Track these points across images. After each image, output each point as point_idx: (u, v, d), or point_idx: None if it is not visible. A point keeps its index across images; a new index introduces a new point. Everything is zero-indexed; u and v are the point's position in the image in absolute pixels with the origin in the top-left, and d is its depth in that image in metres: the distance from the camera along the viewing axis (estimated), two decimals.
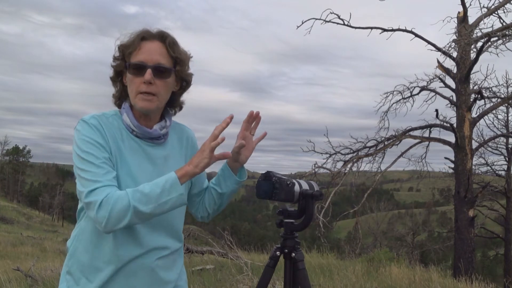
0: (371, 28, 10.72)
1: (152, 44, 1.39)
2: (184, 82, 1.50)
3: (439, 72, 10.99)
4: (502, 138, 14.92)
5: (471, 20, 10.41)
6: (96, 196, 1.26)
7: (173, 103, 1.54)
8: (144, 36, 1.40)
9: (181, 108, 1.57)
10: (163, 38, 1.41)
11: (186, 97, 1.56)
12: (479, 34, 9.96)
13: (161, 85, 1.40)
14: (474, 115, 10.69)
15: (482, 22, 10.11)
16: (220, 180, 1.57)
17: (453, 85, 10.81)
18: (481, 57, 9.83)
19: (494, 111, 12.58)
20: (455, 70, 10.70)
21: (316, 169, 10.95)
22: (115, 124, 1.42)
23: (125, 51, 1.40)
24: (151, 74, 1.37)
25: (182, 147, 1.57)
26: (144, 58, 1.37)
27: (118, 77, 1.45)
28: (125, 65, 1.41)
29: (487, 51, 9.94)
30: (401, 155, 11.55)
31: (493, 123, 14.51)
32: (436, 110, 10.59)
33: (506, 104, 12.04)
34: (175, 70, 1.43)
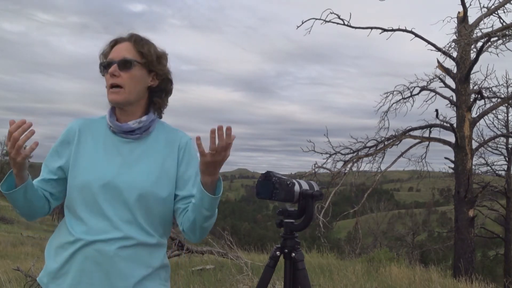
0: (371, 28, 10.72)
1: (121, 45, 1.53)
2: (160, 77, 1.57)
3: (439, 72, 11.00)
4: (502, 138, 14.93)
5: (471, 20, 10.41)
6: None
7: (153, 101, 1.59)
8: (116, 40, 1.55)
9: (160, 110, 1.61)
10: (131, 37, 1.54)
11: (186, 97, 1.60)
12: (479, 34, 9.96)
13: (126, 76, 1.49)
14: (474, 115, 10.69)
15: (482, 22, 10.12)
16: (197, 196, 1.44)
17: (453, 85, 10.81)
18: (481, 57, 9.84)
19: (494, 111, 12.59)
20: (455, 70, 10.70)
21: (316, 169, 10.95)
22: (100, 124, 1.57)
23: (101, 60, 1.56)
24: (116, 67, 1.48)
25: (170, 150, 1.57)
26: (112, 56, 1.51)
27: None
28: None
29: (487, 51, 9.94)
30: (401, 155, 11.55)
31: (493, 123, 14.53)
32: (436, 110, 10.60)
33: (506, 104, 12.04)
34: (142, 62, 1.51)
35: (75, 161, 1.50)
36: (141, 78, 1.52)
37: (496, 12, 9.91)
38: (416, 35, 10.65)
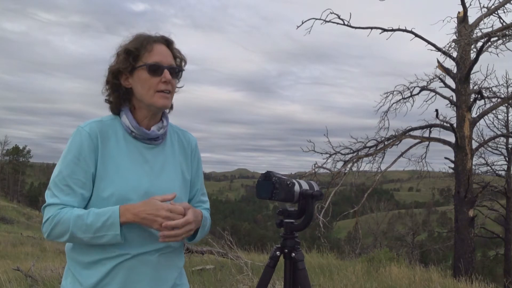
0: (371, 28, 10.72)
1: (161, 47, 1.49)
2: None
3: (439, 72, 10.99)
4: (502, 138, 14.92)
5: (471, 20, 10.41)
6: (47, 211, 1.39)
7: None
8: (155, 40, 1.48)
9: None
10: (168, 42, 1.52)
11: (187, 97, 1.59)
12: (479, 34, 9.96)
13: (173, 84, 1.50)
14: (474, 115, 10.69)
15: (482, 22, 10.11)
16: None
17: (453, 85, 10.80)
18: (481, 57, 9.83)
19: (494, 111, 12.60)
20: (455, 70, 10.69)
21: (316, 169, 10.95)
22: (113, 127, 1.48)
23: (136, 53, 1.45)
24: (169, 73, 1.46)
25: (184, 154, 1.62)
26: (160, 59, 1.46)
27: (115, 79, 1.48)
28: (133, 66, 1.45)
29: (487, 51, 9.93)
30: (401, 155, 11.55)
31: (493, 123, 14.54)
32: (436, 110, 10.59)
33: (506, 104, 12.03)
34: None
35: (103, 171, 1.42)
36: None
37: (496, 12, 9.91)
38: (416, 35, 10.65)
